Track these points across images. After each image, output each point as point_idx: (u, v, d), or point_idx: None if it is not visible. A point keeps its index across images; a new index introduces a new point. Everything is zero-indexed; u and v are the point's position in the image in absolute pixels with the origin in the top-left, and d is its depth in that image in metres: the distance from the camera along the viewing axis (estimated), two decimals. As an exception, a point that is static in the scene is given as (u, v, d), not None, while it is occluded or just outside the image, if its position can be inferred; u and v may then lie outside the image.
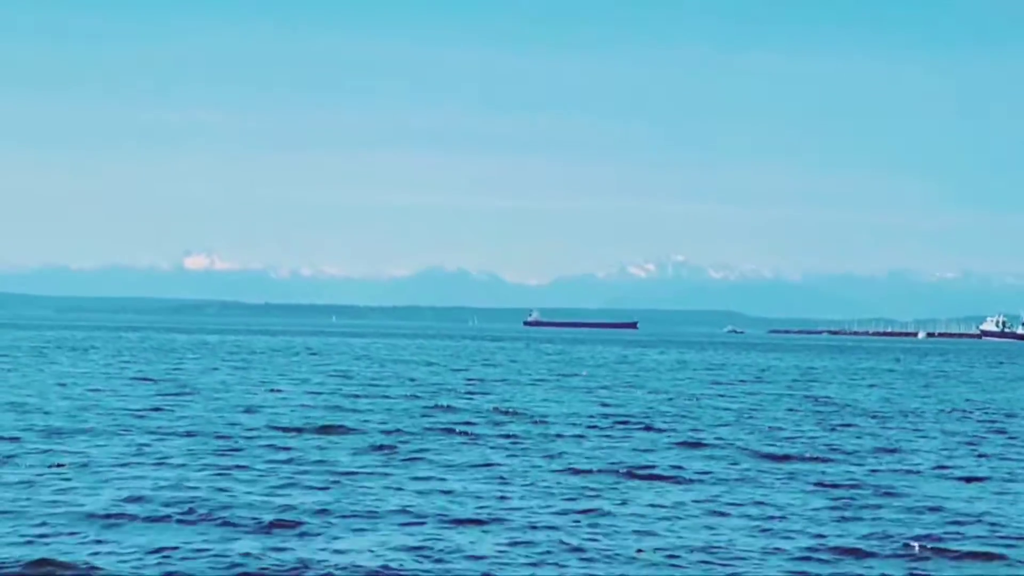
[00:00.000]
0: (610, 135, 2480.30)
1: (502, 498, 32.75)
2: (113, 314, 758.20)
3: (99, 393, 65.55)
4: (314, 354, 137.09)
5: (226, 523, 28.20)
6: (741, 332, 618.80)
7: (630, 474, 37.75)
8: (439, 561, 25.22)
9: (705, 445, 46.58)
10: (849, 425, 57.70)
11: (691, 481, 36.78)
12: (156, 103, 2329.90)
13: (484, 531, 28.25)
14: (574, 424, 54.00)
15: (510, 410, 60.29)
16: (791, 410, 66.44)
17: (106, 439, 43.43)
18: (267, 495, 32.01)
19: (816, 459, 42.89)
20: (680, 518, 30.60)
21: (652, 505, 32.37)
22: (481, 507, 31.15)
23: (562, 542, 27.25)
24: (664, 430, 52.23)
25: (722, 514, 31.28)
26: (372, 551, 25.88)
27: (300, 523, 28.35)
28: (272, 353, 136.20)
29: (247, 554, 25.24)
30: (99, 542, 26.16)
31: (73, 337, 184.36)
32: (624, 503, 32.54)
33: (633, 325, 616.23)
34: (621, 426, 53.70)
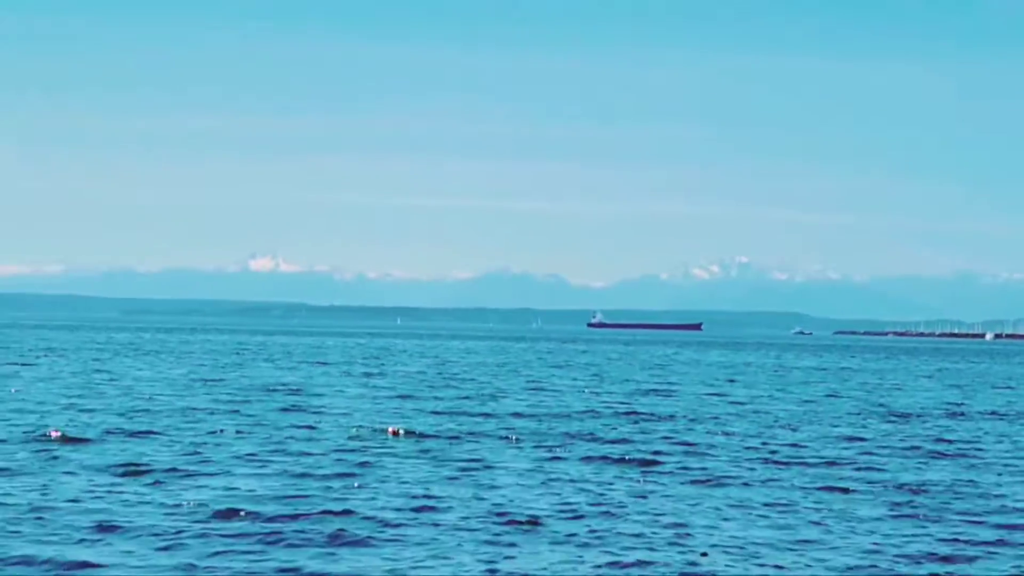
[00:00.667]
0: (674, 138, 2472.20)
1: (559, 503, 32.18)
2: (178, 316, 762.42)
3: (159, 394, 65.44)
4: (375, 356, 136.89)
5: (278, 533, 27.56)
6: (808, 333, 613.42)
7: (690, 479, 37.10)
8: (502, 570, 24.74)
9: (770, 447, 45.85)
10: (913, 427, 56.83)
11: (751, 485, 36.05)
12: (220, 108, 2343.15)
13: (543, 538, 27.66)
14: (632, 426, 53.38)
15: (567, 413, 59.75)
16: (857, 413, 65.53)
17: (161, 443, 43.16)
18: (321, 501, 31.43)
19: (878, 464, 42.12)
20: (743, 522, 29.95)
21: (714, 508, 31.79)
22: (538, 513, 30.53)
23: (625, 547, 26.79)
24: (725, 433, 51.52)
25: (785, 518, 30.61)
26: (433, 560, 25.38)
27: (354, 533, 27.67)
28: (333, 353, 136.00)
29: (295, 568, 24.76)
30: (129, 553, 25.75)
31: (138, 339, 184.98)
32: (685, 507, 31.93)
33: (697, 327, 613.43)
34: (681, 428, 53.01)
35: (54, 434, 43.50)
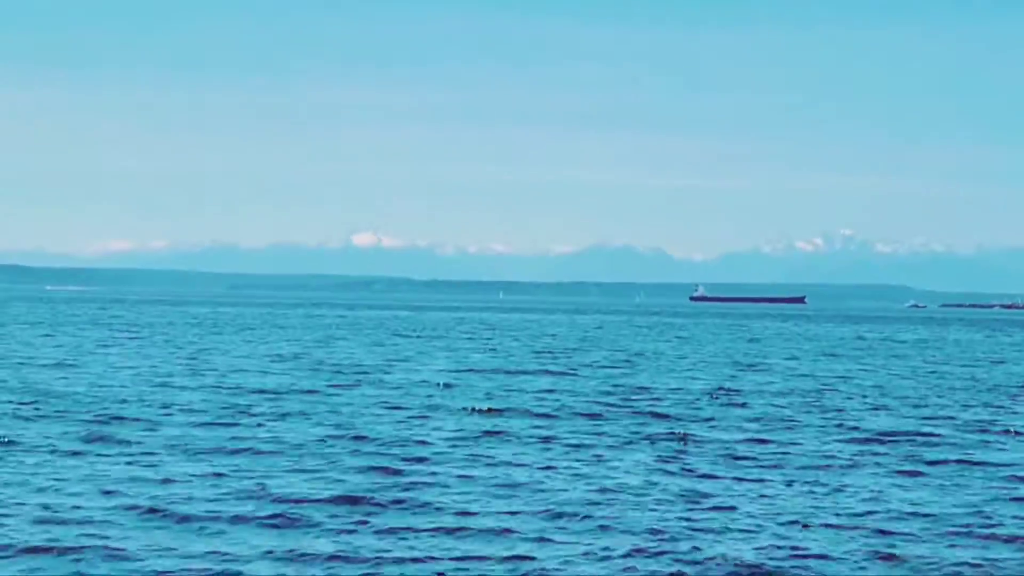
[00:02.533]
0: (775, 111, 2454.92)
1: (657, 480, 31.52)
2: (281, 291, 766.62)
3: (243, 373, 65.29)
4: (492, 327, 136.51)
5: (369, 517, 26.60)
6: (923, 307, 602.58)
7: (780, 455, 36.25)
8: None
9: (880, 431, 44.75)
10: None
11: (850, 467, 35.13)
12: (322, 83, 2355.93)
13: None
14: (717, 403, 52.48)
15: (661, 387, 58.94)
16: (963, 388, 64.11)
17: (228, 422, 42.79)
18: (413, 488, 30.35)
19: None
20: (829, 497, 29.16)
21: (806, 482, 31.05)
22: (638, 494, 29.89)
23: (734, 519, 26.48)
24: (823, 408, 50.50)
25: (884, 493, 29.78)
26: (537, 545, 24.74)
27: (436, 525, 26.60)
28: (435, 329, 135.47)
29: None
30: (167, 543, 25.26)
31: (239, 314, 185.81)
32: (777, 479, 31.15)
33: (801, 299, 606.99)
34: (775, 405, 52.05)
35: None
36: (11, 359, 69.30)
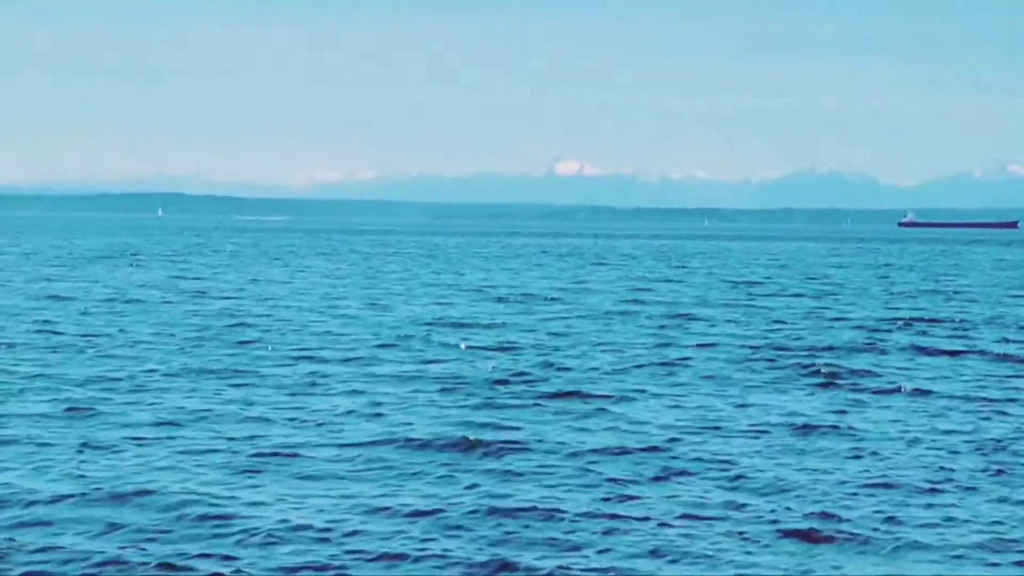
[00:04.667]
0: (988, 32, 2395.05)
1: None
2: (485, 220, 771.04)
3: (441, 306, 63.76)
4: (703, 253, 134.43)
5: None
6: None
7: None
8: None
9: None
10: None
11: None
12: (530, 11, 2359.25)
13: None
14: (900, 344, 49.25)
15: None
16: None
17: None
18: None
19: None
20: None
21: None
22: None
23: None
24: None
25: None
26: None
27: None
28: (654, 257, 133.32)
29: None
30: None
31: (441, 243, 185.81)
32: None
33: (1013, 225, 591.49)
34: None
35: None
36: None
